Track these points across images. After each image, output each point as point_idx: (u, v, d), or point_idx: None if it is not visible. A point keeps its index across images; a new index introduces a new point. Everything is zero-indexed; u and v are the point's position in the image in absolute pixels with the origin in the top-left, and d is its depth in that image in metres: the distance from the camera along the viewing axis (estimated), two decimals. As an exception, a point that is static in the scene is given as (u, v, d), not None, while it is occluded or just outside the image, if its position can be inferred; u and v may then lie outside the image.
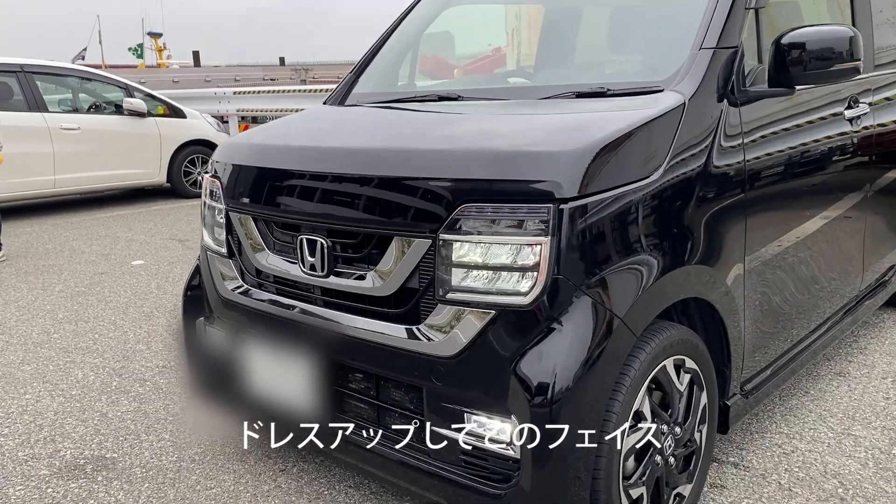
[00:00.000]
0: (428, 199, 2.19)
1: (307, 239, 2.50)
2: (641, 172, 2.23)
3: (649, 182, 2.24)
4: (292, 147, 2.70)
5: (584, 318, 2.09)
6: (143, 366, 4.34)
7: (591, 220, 2.09)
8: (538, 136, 2.27)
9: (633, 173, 2.21)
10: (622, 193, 2.17)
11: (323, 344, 2.52)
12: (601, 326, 2.11)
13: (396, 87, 3.58)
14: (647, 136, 2.27)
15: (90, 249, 7.62)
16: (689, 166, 2.38)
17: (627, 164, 2.21)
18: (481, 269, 2.13)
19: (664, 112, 2.33)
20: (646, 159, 2.26)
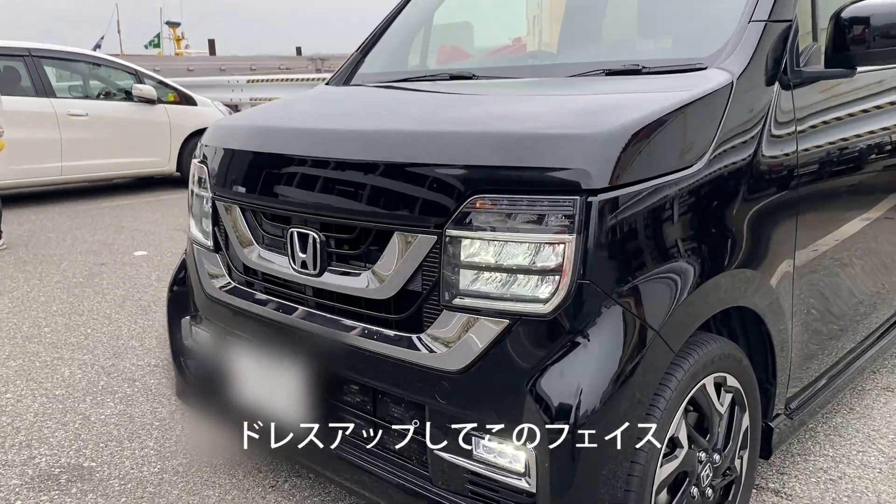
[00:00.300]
0: (433, 188, 1.89)
1: (298, 232, 2.21)
2: (682, 162, 1.92)
3: (691, 173, 1.93)
4: (284, 128, 2.41)
5: (613, 331, 1.79)
6: (133, 364, 4.08)
7: (624, 215, 1.78)
8: (562, 117, 1.96)
9: (673, 163, 1.90)
10: (660, 185, 1.86)
11: (315, 351, 2.23)
12: (634, 341, 1.80)
13: (406, 67, 3.28)
14: (689, 119, 1.95)
15: (93, 239, 7.39)
16: (736, 156, 2.07)
17: (666, 151, 1.89)
18: (494, 271, 1.83)
19: (709, 92, 2.01)
20: (687, 147, 1.94)
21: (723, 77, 2.08)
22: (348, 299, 2.14)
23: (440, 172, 1.89)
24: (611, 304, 1.78)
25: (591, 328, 1.77)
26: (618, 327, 1.79)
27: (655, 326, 1.83)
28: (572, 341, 1.77)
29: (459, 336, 1.87)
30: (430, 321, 1.94)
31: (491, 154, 1.84)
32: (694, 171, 1.93)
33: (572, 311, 1.76)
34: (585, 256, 1.74)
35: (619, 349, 1.78)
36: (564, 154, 1.76)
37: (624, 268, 1.80)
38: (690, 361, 1.97)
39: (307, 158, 2.19)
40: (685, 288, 1.90)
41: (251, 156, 2.41)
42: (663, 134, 1.88)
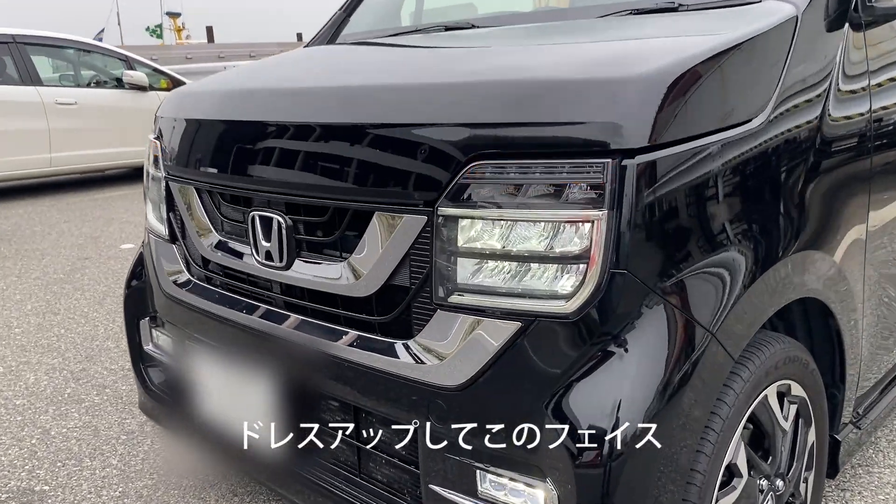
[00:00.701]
0: (421, 155, 1.48)
1: (260, 216, 1.81)
2: (739, 116, 1.50)
3: (749, 131, 1.51)
4: (242, 91, 1.99)
5: (657, 335, 1.37)
6: (106, 368, 3.69)
7: (669, 184, 1.37)
8: (585, 63, 1.54)
9: (728, 116, 1.48)
10: (712, 146, 1.44)
11: (284, 360, 1.84)
12: (683, 347, 1.39)
13: (398, 25, 2.85)
14: (746, 62, 1.53)
15: (79, 232, 7.01)
16: (801, 111, 1.65)
17: (719, 101, 1.47)
18: (501, 259, 1.42)
19: (770, 28, 1.59)
20: (744, 97, 1.52)
21: (786, 10, 1.65)
22: (322, 297, 1.74)
23: (429, 134, 1.48)
24: (653, 300, 1.36)
25: (629, 332, 1.36)
26: (663, 330, 1.37)
27: (711, 327, 1.42)
28: (604, 349, 1.36)
29: (458, 343, 1.47)
30: (420, 324, 1.53)
31: (494, 108, 1.43)
32: (752, 129, 1.51)
33: (603, 311, 1.35)
34: (619, 238, 1.33)
35: (664, 358, 1.37)
36: (590, 105, 1.35)
37: (669, 252, 1.39)
38: (751, 369, 1.56)
39: (267, 123, 1.78)
40: (745, 276, 1.49)
41: (206, 125, 2.00)
42: (715, 79, 1.46)
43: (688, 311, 1.39)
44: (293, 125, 1.72)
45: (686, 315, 1.39)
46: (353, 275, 1.63)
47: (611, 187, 1.31)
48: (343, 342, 1.67)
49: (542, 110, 1.38)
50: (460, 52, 2.01)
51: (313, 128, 1.68)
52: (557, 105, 1.37)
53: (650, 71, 1.37)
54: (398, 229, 1.52)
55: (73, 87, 9.43)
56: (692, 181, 1.40)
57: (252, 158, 1.82)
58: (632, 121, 1.32)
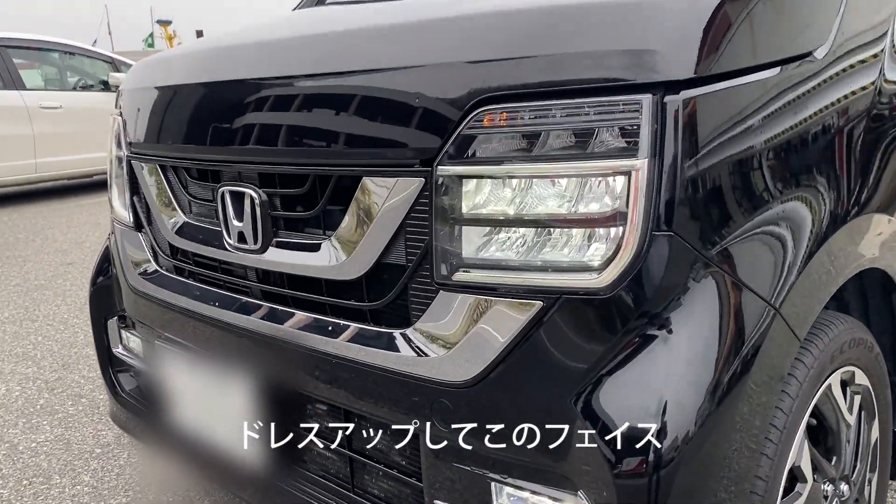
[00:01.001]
0: (416, 103, 1.22)
1: (231, 192, 1.55)
2: (798, 46, 1.25)
3: (811, 64, 1.26)
4: (213, 50, 1.74)
5: (711, 312, 1.12)
6: (83, 376, 3.43)
7: (721, 126, 1.12)
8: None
9: (785, 45, 1.23)
10: (769, 80, 1.19)
11: (263, 359, 1.58)
12: (743, 326, 1.14)
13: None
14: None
15: (64, 238, 6.74)
16: (866, 44, 1.39)
17: (774, 26, 1.22)
18: (515, 225, 1.16)
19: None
20: (803, 22, 1.27)
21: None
22: (304, 283, 1.48)
23: (424, 78, 1.22)
24: (705, 269, 1.11)
25: (676, 309, 1.10)
26: (717, 305, 1.12)
27: (774, 301, 1.16)
28: (646, 332, 1.10)
29: (465, 329, 1.21)
30: (420, 309, 1.28)
31: (501, 41, 1.17)
32: (815, 63, 1.26)
33: (644, 284, 1.09)
34: (663, 193, 1.07)
35: (720, 340, 1.11)
36: (621, 29, 1.09)
37: (723, 210, 1.13)
38: (814, 353, 1.31)
39: (237, 82, 1.53)
40: (811, 240, 1.23)
41: (170, 91, 1.75)
42: (764, 8, 1.20)
43: (747, 282, 1.14)
44: (265, 81, 1.46)
45: (745, 286, 1.14)
46: (338, 254, 1.37)
47: (650, 130, 1.06)
48: (329, 335, 1.42)
49: (560, 40, 1.12)
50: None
51: (288, 81, 1.42)
52: (579, 32, 1.11)
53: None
54: (390, 196, 1.27)
55: (57, 91, 9.16)
56: (748, 123, 1.14)
57: (220, 124, 1.56)
58: (673, 47, 1.07)
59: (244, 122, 1.50)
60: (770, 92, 1.17)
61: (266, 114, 1.46)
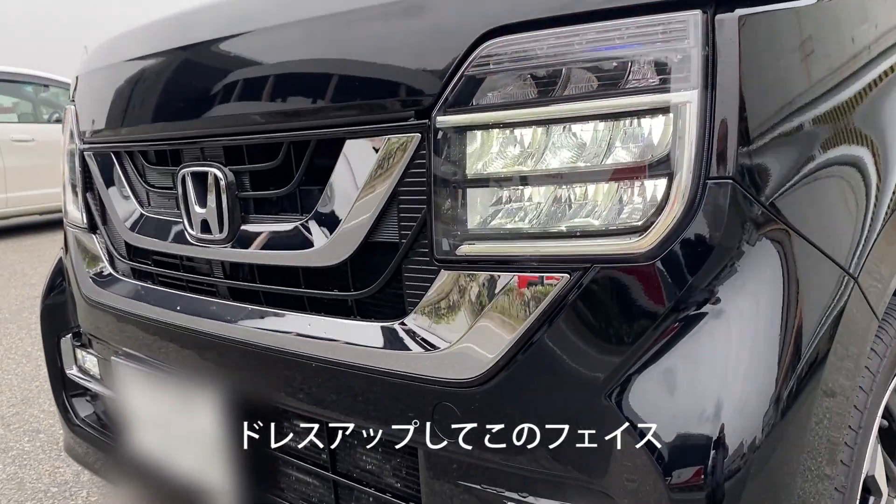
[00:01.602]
0: (408, 40, 1.02)
1: (192, 174, 1.33)
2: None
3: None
4: (167, 19, 1.53)
5: (778, 280, 0.90)
6: (43, 410, 3.16)
7: (784, 50, 0.92)
8: None
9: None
10: (827, 5, 0.99)
11: (234, 370, 1.35)
12: (818, 299, 0.93)
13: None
14: None
15: (34, 272, 6.46)
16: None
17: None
18: (532, 184, 0.95)
19: None
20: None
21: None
22: (277, 275, 1.26)
23: (416, 8, 1.02)
24: (771, 228, 0.90)
25: (737, 279, 0.89)
26: (786, 274, 0.91)
27: (852, 270, 0.96)
28: (700, 308, 0.89)
29: (474, 316, 0.99)
30: (416, 295, 1.06)
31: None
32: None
33: (697, 245, 0.88)
34: (717, 131, 0.87)
35: (791, 319, 0.90)
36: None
37: (792, 154, 0.93)
38: (886, 339, 1.10)
39: (193, 46, 1.32)
40: (886, 194, 1.03)
41: (124, 68, 1.54)
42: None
43: (821, 244, 0.93)
44: (226, 40, 1.25)
45: (819, 249, 0.93)
46: (317, 236, 1.15)
47: (700, 55, 0.86)
48: (308, 334, 1.19)
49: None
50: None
51: (251, 37, 1.22)
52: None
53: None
54: (379, 159, 1.05)
55: (30, 124, 8.93)
56: (816, 47, 0.95)
57: (179, 96, 1.36)
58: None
59: (205, 90, 1.29)
60: (844, 13, 0.98)
61: (229, 78, 1.25)
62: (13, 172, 8.43)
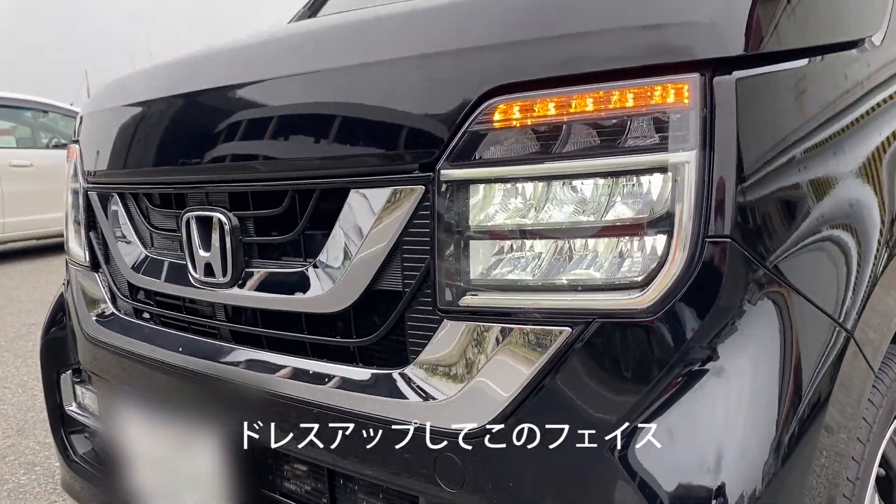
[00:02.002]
0: (414, 96, 1.04)
1: (197, 218, 1.35)
2: (854, 30, 1.09)
3: (868, 50, 1.10)
4: (177, 63, 1.55)
5: (776, 337, 0.92)
6: (39, 442, 3.15)
7: (780, 113, 0.94)
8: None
9: (840, 29, 1.07)
10: (831, 62, 1.02)
11: (235, 412, 1.35)
12: (816, 355, 0.94)
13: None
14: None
15: (30, 298, 6.45)
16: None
17: (827, 8, 1.06)
18: (535, 237, 0.97)
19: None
20: (856, 7, 1.12)
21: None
22: (280, 320, 1.27)
23: (423, 67, 1.04)
24: (768, 285, 0.92)
25: (735, 334, 0.90)
26: (783, 329, 0.92)
27: (847, 324, 0.97)
28: (699, 363, 0.90)
29: (476, 366, 1.00)
30: (419, 344, 1.07)
31: (516, 21, 1.00)
32: (871, 47, 1.10)
33: (695, 303, 0.90)
34: (715, 191, 0.89)
35: (788, 373, 0.91)
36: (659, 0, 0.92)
37: (787, 214, 0.95)
38: (882, 390, 1.12)
39: (203, 92, 1.34)
40: (881, 249, 1.05)
41: (130, 110, 1.56)
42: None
43: (816, 300, 0.95)
44: (236, 87, 1.28)
45: (815, 305, 0.94)
46: (321, 282, 1.17)
47: (699, 116, 0.88)
48: (310, 380, 1.20)
49: (585, 16, 0.95)
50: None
51: (262, 86, 1.24)
52: (607, 5, 0.94)
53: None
54: (383, 209, 1.07)
55: (28, 149, 8.96)
56: (811, 110, 0.97)
57: (186, 141, 1.38)
58: (721, 18, 0.90)
59: (212, 136, 1.31)
60: (832, 77, 1.00)
61: (236, 125, 1.27)
62: (11, 198, 8.45)
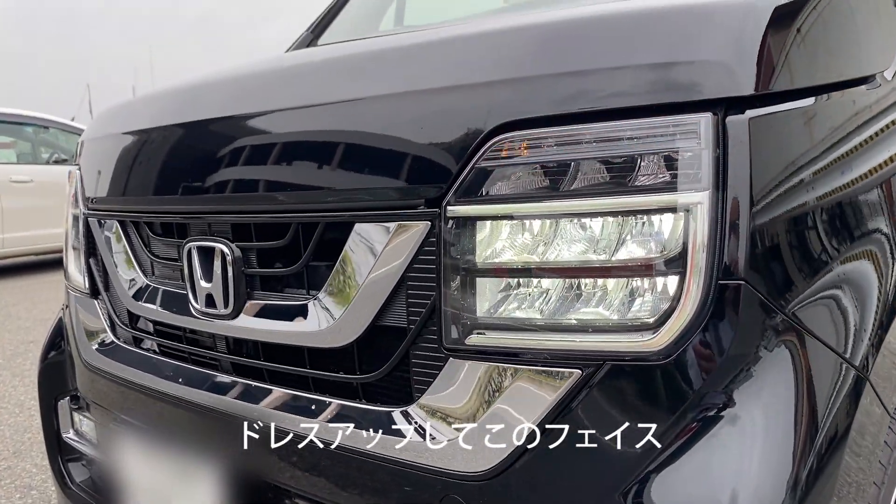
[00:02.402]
0: (421, 131, 1.02)
1: (199, 248, 1.33)
2: (865, 66, 1.08)
3: (875, 89, 1.09)
4: (180, 90, 1.54)
5: (790, 382, 0.90)
6: (35, 465, 3.12)
7: (793, 153, 0.93)
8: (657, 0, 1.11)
9: (850, 65, 1.06)
10: (846, 99, 1.01)
11: (233, 445, 1.33)
12: (831, 398, 0.92)
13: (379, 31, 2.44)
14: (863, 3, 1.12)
15: (28, 315, 6.43)
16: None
17: (836, 46, 1.05)
18: (542, 275, 0.95)
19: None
20: (865, 43, 1.11)
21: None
22: (282, 353, 1.25)
23: (431, 102, 1.03)
24: (783, 327, 0.90)
25: (750, 378, 0.88)
26: (799, 373, 0.90)
27: (862, 368, 0.95)
28: (712, 408, 0.88)
29: (482, 407, 0.98)
30: (424, 382, 1.05)
31: (525, 57, 0.98)
32: (884, 82, 1.09)
33: (710, 345, 0.88)
34: (730, 232, 0.87)
35: (804, 418, 0.89)
36: (669, 37, 0.91)
37: (802, 256, 0.93)
38: None
39: (208, 121, 1.33)
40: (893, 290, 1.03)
41: (130, 137, 1.55)
42: (830, 17, 1.03)
43: (831, 342, 0.93)
44: (241, 118, 1.26)
45: (829, 348, 0.93)
46: (324, 317, 1.15)
47: (712, 156, 0.87)
48: (311, 415, 1.18)
49: (596, 53, 0.93)
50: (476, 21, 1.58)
51: (267, 117, 1.22)
52: (618, 43, 0.93)
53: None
54: (388, 244, 1.05)
55: (28, 165, 8.96)
56: (826, 150, 0.96)
57: (190, 170, 1.36)
58: (733, 57, 0.88)
59: (217, 166, 1.29)
60: (847, 113, 0.99)
61: (242, 155, 1.25)
62: (11, 213, 8.45)
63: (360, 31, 2.37)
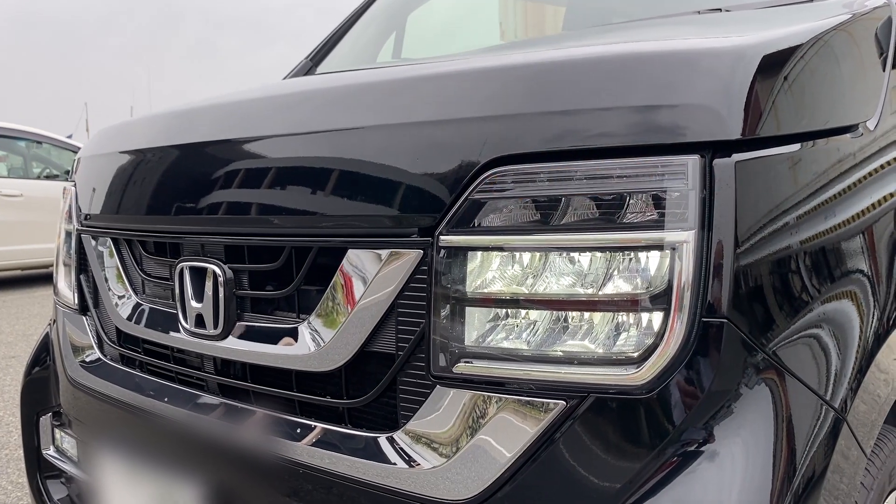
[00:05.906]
0: (416, 163, 1.05)
1: (191, 268, 1.34)
2: (849, 115, 1.11)
3: (861, 135, 1.12)
4: (178, 113, 1.56)
5: (770, 420, 0.92)
6: (12, 482, 3.08)
7: (779, 196, 0.95)
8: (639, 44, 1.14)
9: (835, 114, 1.09)
10: (830, 147, 1.04)
11: (219, 467, 1.33)
12: (809, 437, 0.94)
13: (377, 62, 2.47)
14: (847, 52, 1.16)
15: (11, 329, 6.37)
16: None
17: (822, 95, 1.08)
18: (530, 307, 0.97)
19: (867, 12, 1.23)
20: (850, 93, 1.14)
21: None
22: (269, 375, 1.26)
23: (427, 135, 1.05)
24: (764, 367, 0.92)
25: (731, 415, 0.90)
26: (778, 411, 0.92)
27: (841, 408, 0.97)
28: (693, 443, 0.90)
29: (467, 434, 0.99)
30: (410, 409, 1.06)
31: (519, 94, 1.01)
32: (866, 132, 1.12)
33: (693, 381, 0.90)
34: (715, 271, 0.89)
35: (783, 456, 0.91)
36: (661, 81, 0.94)
37: (784, 296, 0.95)
38: (874, 472, 1.11)
39: (203, 144, 1.35)
40: (875, 333, 1.06)
41: (126, 156, 1.56)
42: (816, 67, 1.07)
43: (810, 382, 0.95)
44: (237, 141, 1.28)
45: (808, 387, 0.94)
46: (313, 340, 1.16)
47: (698, 197, 0.89)
48: (297, 438, 1.19)
49: (590, 93, 0.96)
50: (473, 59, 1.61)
51: (263, 142, 1.25)
52: (611, 84, 0.96)
53: (745, 44, 0.97)
54: (380, 271, 1.07)
55: (19, 179, 8.94)
56: (810, 194, 0.98)
57: (185, 191, 1.37)
58: (721, 102, 0.91)
59: (215, 188, 1.31)
60: (821, 159, 1.02)
61: (240, 178, 1.27)
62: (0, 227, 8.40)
63: (358, 61, 2.41)
